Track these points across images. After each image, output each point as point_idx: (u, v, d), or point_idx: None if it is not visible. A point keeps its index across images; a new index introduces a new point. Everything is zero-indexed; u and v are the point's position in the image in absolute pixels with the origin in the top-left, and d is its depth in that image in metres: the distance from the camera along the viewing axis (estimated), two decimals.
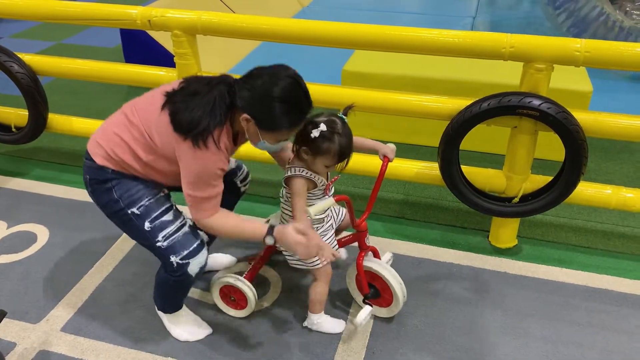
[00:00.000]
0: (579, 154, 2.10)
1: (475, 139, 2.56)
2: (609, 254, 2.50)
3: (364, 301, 2.04)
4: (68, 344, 2.05)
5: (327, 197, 1.93)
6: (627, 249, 2.52)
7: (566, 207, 2.68)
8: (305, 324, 2.09)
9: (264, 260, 2.21)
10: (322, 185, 1.88)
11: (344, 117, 1.81)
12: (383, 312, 2.12)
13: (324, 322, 2.06)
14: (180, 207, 1.93)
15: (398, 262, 2.38)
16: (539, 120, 2.09)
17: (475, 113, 2.13)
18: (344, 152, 1.77)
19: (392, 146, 2.03)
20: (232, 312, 2.15)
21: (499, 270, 2.38)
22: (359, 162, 2.45)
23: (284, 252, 2.01)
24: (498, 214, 2.36)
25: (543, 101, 2.05)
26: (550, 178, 2.31)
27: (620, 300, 2.23)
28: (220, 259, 2.38)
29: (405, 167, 2.51)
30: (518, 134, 2.22)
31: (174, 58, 2.47)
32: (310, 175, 1.84)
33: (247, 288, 2.05)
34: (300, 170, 1.83)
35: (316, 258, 1.85)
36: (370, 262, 2.03)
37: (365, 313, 1.96)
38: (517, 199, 2.33)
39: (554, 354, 2.00)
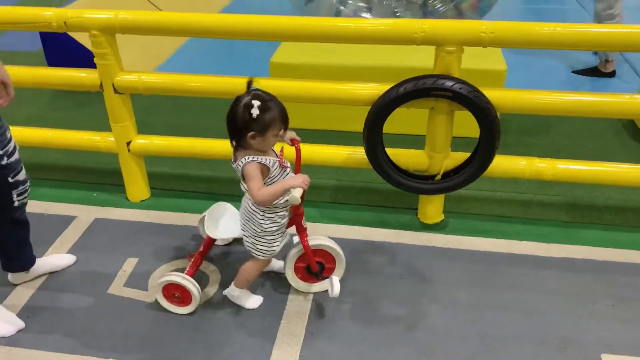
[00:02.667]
0: (492, 130, 2.24)
1: (397, 122, 2.66)
2: (529, 221, 2.67)
3: (319, 278, 2.16)
4: (3, 356, 2.02)
5: (288, 172, 1.97)
6: (544, 216, 2.70)
7: (488, 180, 2.83)
8: (225, 292, 2.19)
9: (203, 255, 2.25)
10: (274, 165, 1.91)
11: (255, 88, 1.85)
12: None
13: (243, 296, 2.18)
14: None
15: None
16: (452, 100, 2.20)
17: (393, 97, 2.22)
18: (284, 112, 1.85)
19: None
20: (178, 309, 2.17)
21: (427, 245, 2.50)
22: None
23: (245, 239, 2.06)
24: (423, 192, 2.48)
25: (455, 82, 2.16)
26: (468, 154, 2.44)
27: (539, 263, 2.40)
28: (57, 261, 2.39)
29: (335, 153, 2.58)
30: (435, 115, 2.33)
31: (94, 59, 2.45)
32: (261, 159, 1.87)
33: (190, 284, 2.09)
34: (248, 158, 1.86)
35: (266, 255, 2.05)
36: (313, 240, 2.14)
37: (335, 284, 2.04)
38: (439, 177, 2.45)
39: (480, 319, 2.13)
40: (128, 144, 2.65)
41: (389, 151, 2.45)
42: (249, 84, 1.87)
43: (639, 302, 2.19)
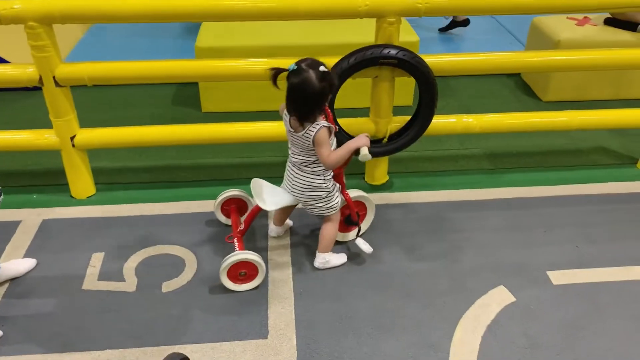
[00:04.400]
0: (432, 92, 2.49)
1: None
2: (459, 172, 3.00)
3: (355, 224, 2.36)
4: None
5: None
6: (471, 166, 3.04)
7: (417, 141, 3.11)
8: (316, 264, 2.31)
9: (244, 232, 2.34)
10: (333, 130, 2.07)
11: (292, 66, 1.94)
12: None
13: (332, 258, 2.32)
14: None
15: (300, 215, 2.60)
16: (397, 67, 2.42)
17: (344, 68, 2.39)
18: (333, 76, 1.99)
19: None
20: (243, 286, 2.22)
21: (380, 202, 2.72)
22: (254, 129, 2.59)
23: (308, 207, 2.21)
24: (375, 155, 2.68)
25: (399, 50, 2.38)
26: (407, 118, 2.69)
27: (477, 207, 2.72)
28: (17, 266, 2.28)
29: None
30: (379, 82, 2.54)
31: (32, 52, 2.33)
32: (327, 123, 2.01)
33: (258, 258, 2.18)
34: (320, 123, 1.98)
35: (335, 208, 2.23)
36: (352, 193, 2.36)
37: (364, 244, 2.31)
38: (385, 140, 2.67)
39: (443, 259, 2.40)
40: (72, 138, 2.56)
41: (339, 121, 2.62)
42: (276, 74, 1.95)
43: (564, 227, 2.59)
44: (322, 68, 1.92)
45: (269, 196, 2.21)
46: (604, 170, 3.01)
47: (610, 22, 3.60)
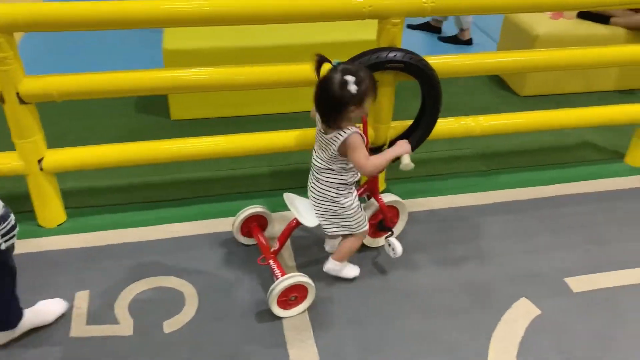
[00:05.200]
0: (437, 95, 2.36)
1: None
2: (454, 175, 2.90)
3: (388, 229, 2.25)
4: None
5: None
6: (465, 168, 2.95)
7: None
8: (326, 269, 2.16)
9: (278, 252, 2.19)
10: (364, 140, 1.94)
11: (337, 62, 1.86)
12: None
13: (344, 269, 2.18)
14: None
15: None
16: (403, 71, 2.27)
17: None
18: (374, 79, 1.86)
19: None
20: (294, 310, 2.07)
21: None
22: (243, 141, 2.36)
23: (325, 226, 2.04)
24: None
25: (405, 53, 2.23)
26: (404, 122, 2.55)
27: (479, 212, 2.63)
28: (49, 307, 1.99)
29: (272, 139, 2.50)
30: (381, 87, 2.36)
31: None
32: (359, 130, 1.90)
33: (308, 279, 2.02)
34: (351, 128, 1.86)
35: (363, 226, 2.08)
36: (386, 198, 2.26)
37: (397, 244, 2.20)
38: (386, 146, 2.52)
39: (457, 271, 2.29)
40: (40, 161, 2.24)
41: None
42: (320, 62, 1.85)
43: (570, 229, 2.54)
44: (348, 77, 1.77)
45: (308, 211, 2.05)
46: (595, 167, 3.01)
47: (583, 15, 3.61)
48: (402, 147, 1.97)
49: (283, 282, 1.97)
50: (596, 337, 2.04)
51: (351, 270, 2.21)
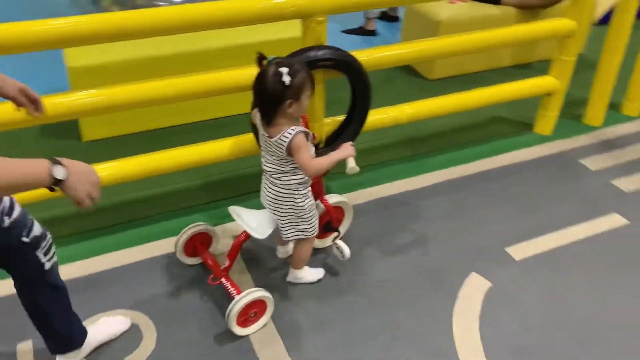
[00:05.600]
0: (367, 89, 2.40)
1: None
2: (385, 163, 2.97)
3: (335, 229, 2.24)
4: None
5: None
6: (393, 156, 3.03)
7: None
8: (289, 279, 2.17)
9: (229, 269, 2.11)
10: (311, 137, 1.89)
11: (273, 57, 1.81)
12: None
13: (306, 275, 2.19)
14: None
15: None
16: (333, 68, 2.27)
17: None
18: (310, 74, 1.82)
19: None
20: (255, 326, 2.00)
21: None
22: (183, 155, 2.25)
23: (284, 231, 2.01)
24: None
25: (334, 50, 2.24)
26: (337, 118, 2.56)
27: (416, 196, 2.71)
28: (113, 326, 1.96)
29: (210, 150, 2.43)
30: None
31: None
32: (304, 129, 1.84)
33: (265, 292, 1.98)
34: (295, 128, 1.81)
35: (315, 230, 2.05)
36: (332, 199, 2.25)
37: (344, 246, 2.20)
38: (322, 144, 2.52)
39: (416, 255, 2.35)
40: None
41: None
42: (260, 58, 1.78)
43: (502, 202, 2.69)
44: (281, 69, 1.73)
45: (256, 222, 1.98)
46: (510, 140, 3.20)
47: None
48: (347, 151, 1.94)
49: (240, 301, 1.90)
50: (547, 300, 2.18)
51: (314, 274, 2.20)
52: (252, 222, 1.98)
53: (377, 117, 2.67)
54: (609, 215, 2.62)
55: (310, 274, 2.20)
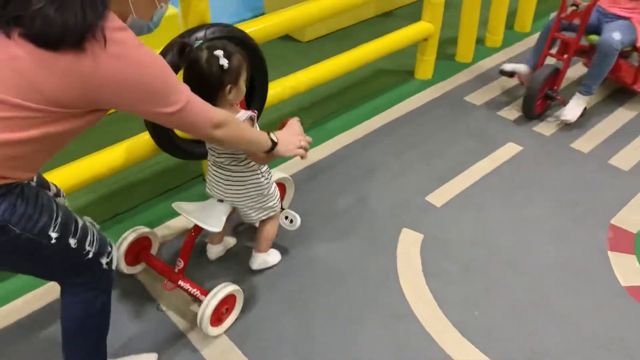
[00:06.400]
0: (263, 63, 2.27)
1: None
2: None
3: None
4: None
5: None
6: None
7: None
8: (255, 266, 2.08)
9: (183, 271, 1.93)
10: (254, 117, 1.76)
11: (200, 42, 1.66)
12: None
13: (269, 257, 2.10)
14: None
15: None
16: None
17: (175, 63, 1.97)
18: (244, 55, 1.69)
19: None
20: (227, 322, 1.90)
21: None
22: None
23: (248, 216, 1.93)
24: None
25: (223, 27, 2.06)
26: None
27: (328, 164, 2.67)
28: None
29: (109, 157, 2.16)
30: None
31: None
32: (246, 115, 1.70)
33: (233, 286, 1.86)
34: (240, 116, 1.68)
35: (277, 200, 1.96)
36: (274, 176, 2.07)
37: (296, 216, 2.11)
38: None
39: (339, 233, 2.32)
40: None
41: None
42: (182, 47, 1.62)
43: (408, 151, 2.74)
44: (216, 52, 1.60)
45: (207, 215, 1.84)
46: (397, 90, 3.25)
47: None
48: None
49: (212, 300, 1.78)
50: (475, 235, 2.28)
51: (275, 256, 2.14)
52: (204, 215, 1.85)
53: (277, 89, 2.56)
54: (506, 146, 2.78)
55: (272, 256, 2.13)
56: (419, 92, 3.24)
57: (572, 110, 2.86)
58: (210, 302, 1.77)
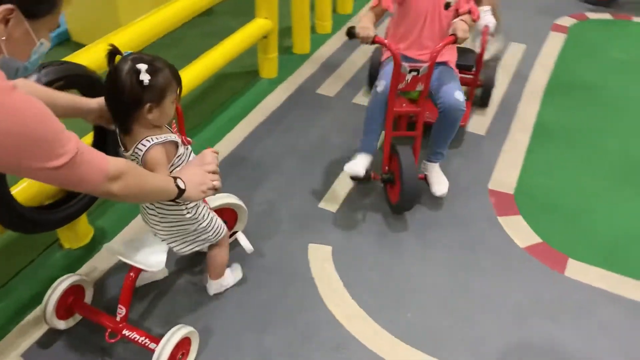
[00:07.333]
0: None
1: None
2: None
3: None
4: None
5: (190, 150, 1.64)
6: None
7: None
8: (213, 292, 1.93)
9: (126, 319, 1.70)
10: (179, 143, 1.56)
11: (128, 52, 1.46)
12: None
13: (225, 279, 1.94)
14: None
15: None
16: (64, 88, 1.69)
17: None
18: (176, 70, 1.49)
19: None
20: None
21: None
22: None
23: (181, 249, 1.72)
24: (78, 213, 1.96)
25: (59, 64, 1.67)
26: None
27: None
28: None
29: None
30: None
31: None
32: (165, 137, 1.49)
33: (187, 328, 1.66)
34: (150, 139, 1.46)
35: (222, 229, 1.78)
36: (214, 202, 1.88)
37: (244, 238, 1.98)
38: None
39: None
40: None
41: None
42: (112, 53, 1.43)
43: (286, 157, 2.59)
44: (139, 66, 1.39)
45: (145, 254, 1.64)
46: (250, 93, 3.09)
47: None
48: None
49: (166, 346, 1.57)
50: (378, 231, 2.22)
51: (233, 276, 1.99)
52: (141, 255, 1.64)
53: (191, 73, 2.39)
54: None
55: (230, 278, 1.97)
56: (270, 92, 3.08)
57: (441, 182, 2.37)
58: (163, 351, 1.56)
